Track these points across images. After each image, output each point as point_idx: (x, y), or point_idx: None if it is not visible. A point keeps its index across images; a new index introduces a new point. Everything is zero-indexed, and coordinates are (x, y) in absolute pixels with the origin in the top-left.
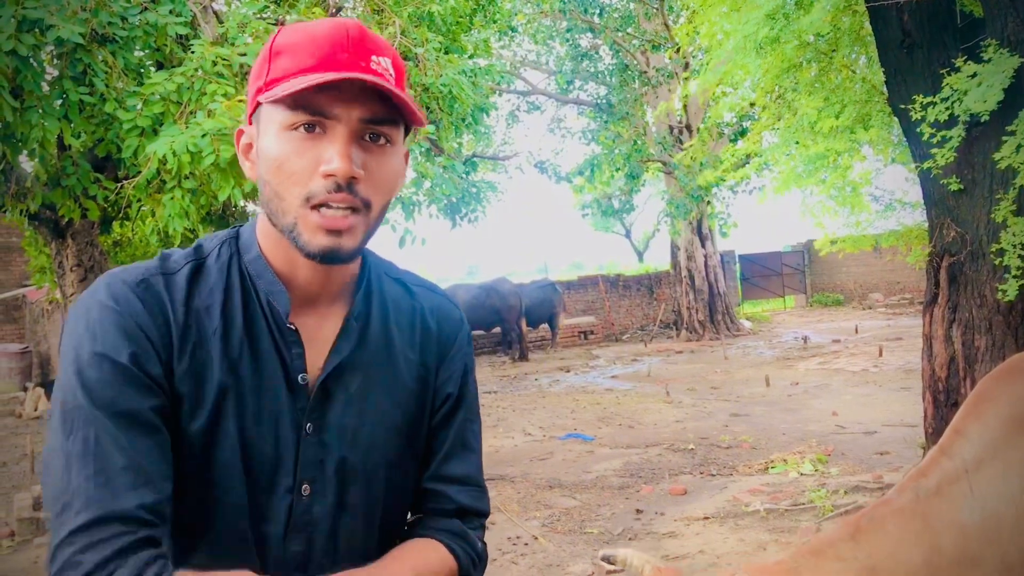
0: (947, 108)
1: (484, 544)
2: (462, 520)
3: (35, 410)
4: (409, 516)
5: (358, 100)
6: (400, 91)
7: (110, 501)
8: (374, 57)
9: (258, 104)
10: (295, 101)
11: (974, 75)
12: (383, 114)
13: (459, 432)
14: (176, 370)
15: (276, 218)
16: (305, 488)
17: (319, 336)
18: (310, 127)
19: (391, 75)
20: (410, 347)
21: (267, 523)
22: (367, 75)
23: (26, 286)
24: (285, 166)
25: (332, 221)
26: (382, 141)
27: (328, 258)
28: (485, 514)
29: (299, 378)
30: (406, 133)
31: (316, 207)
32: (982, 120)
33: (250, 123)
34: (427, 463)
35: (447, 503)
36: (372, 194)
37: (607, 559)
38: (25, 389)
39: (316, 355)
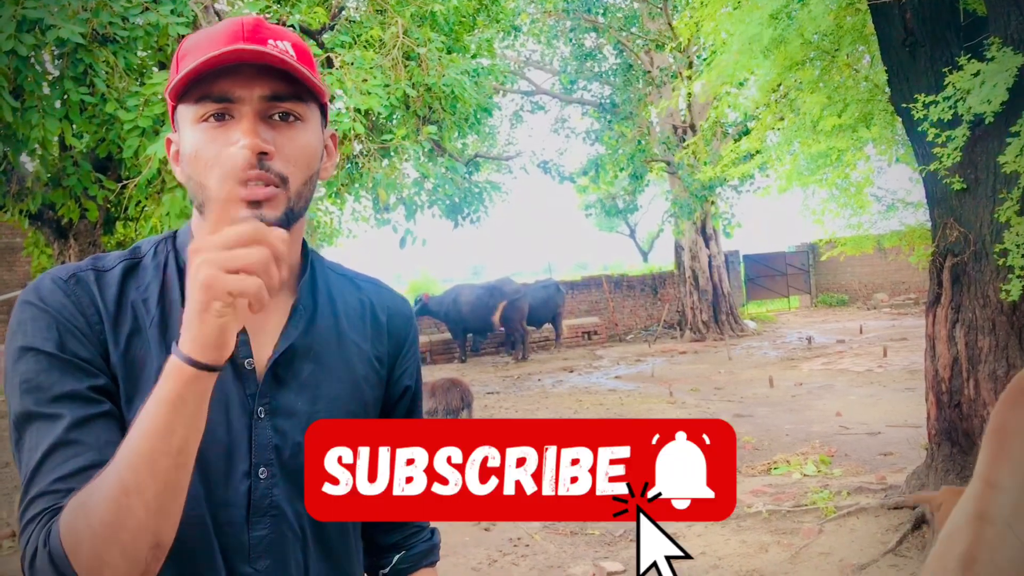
0: (950, 107)
1: None
2: None
3: None
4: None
5: (258, 80)
6: (295, 63)
7: (37, 482)
8: (271, 41)
9: (174, 108)
10: (199, 94)
11: (977, 73)
12: (285, 91)
13: None
14: (112, 355)
15: (204, 208)
16: (263, 471)
17: (266, 327)
18: (219, 116)
19: (291, 55)
20: (361, 337)
21: (227, 508)
22: (254, 45)
23: None
24: (201, 156)
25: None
26: (291, 119)
27: None
28: None
29: (245, 363)
30: (323, 112)
31: None
32: (986, 120)
33: (174, 129)
34: None
35: None
36: (287, 170)
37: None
38: None
39: (265, 344)
